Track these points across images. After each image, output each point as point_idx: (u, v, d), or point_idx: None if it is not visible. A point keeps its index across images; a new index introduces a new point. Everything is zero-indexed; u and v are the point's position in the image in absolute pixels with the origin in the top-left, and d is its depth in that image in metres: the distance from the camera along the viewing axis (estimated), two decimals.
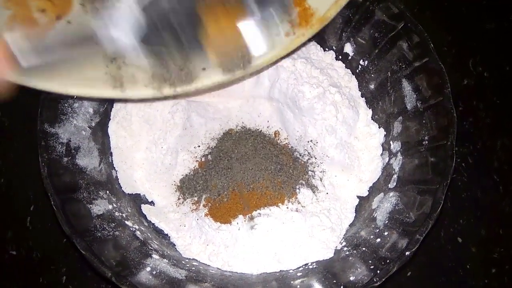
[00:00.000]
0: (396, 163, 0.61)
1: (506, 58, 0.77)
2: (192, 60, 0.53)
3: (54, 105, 0.56)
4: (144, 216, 0.61)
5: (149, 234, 0.59)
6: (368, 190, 0.63)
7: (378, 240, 0.55)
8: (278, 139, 0.67)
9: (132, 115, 0.63)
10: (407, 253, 0.50)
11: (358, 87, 0.68)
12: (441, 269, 0.65)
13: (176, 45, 0.51)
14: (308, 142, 0.64)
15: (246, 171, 0.62)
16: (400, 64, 0.62)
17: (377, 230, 0.56)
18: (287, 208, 0.60)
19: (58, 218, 0.50)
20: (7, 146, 0.69)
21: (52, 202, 0.50)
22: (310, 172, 0.63)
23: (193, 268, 0.56)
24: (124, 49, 0.51)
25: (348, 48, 0.68)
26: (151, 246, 0.56)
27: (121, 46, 0.51)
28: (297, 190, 0.61)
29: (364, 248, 0.55)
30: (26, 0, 0.50)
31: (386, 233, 0.55)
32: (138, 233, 0.57)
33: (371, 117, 0.66)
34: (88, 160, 0.58)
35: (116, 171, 0.63)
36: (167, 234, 0.61)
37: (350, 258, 0.55)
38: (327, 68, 0.67)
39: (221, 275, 0.56)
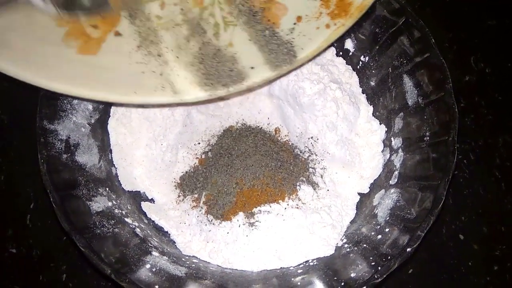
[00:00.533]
0: (397, 160, 0.61)
1: (507, 55, 0.77)
2: (239, 60, 0.55)
3: (54, 102, 0.56)
4: (144, 213, 0.61)
5: (149, 231, 0.58)
6: (369, 187, 0.63)
7: (379, 236, 0.55)
8: (279, 136, 0.66)
9: (132, 112, 0.62)
10: (408, 249, 0.49)
11: (359, 83, 0.68)
12: (442, 266, 0.64)
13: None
14: (309, 138, 0.64)
15: (247, 168, 0.61)
16: (401, 59, 0.62)
17: (378, 227, 0.56)
18: (288, 205, 0.59)
19: (57, 214, 0.50)
20: (7, 144, 0.69)
21: (51, 199, 0.50)
22: (310, 169, 0.63)
23: (193, 265, 0.56)
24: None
25: (349, 44, 0.67)
26: (151, 243, 0.56)
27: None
28: (298, 187, 0.61)
29: (365, 245, 0.55)
30: (79, 19, 0.55)
31: (387, 230, 0.55)
32: (138, 230, 0.57)
33: (372, 114, 0.66)
34: (87, 157, 0.58)
35: (116, 168, 0.62)
36: (167, 232, 0.60)
37: (351, 254, 0.55)
38: (327, 64, 0.66)
39: (222, 272, 0.56)
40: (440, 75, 0.57)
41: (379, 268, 0.50)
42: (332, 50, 0.68)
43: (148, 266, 0.52)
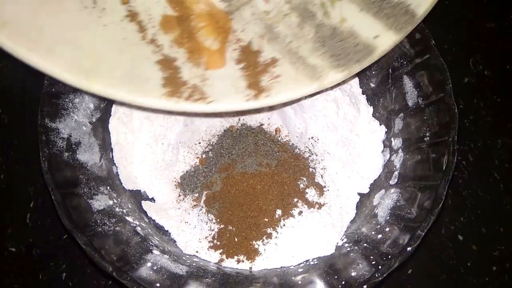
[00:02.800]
0: (397, 160, 0.61)
1: (506, 56, 0.78)
2: (360, 33, 0.54)
3: (55, 100, 0.56)
4: (145, 212, 0.61)
5: (149, 230, 0.58)
6: (369, 187, 0.63)
7: (379, 236, 0.55)
8: (279, 136, 0.66)
9: (133, 111, 0.62)
10: (408, 248, 0.49)
11: (359, 84, 0.68)
12: (441, 266, 0.65)
13: None
14: (309, 139, 0.64)
15: (247, 168, 0.62)
16: (401, 60, 0.62)
17: (378, 226, 0.56)
18: (288, 204, 0.59)
19: (58, 213, 0.49)
20: (7, 143, 0.69)
21: (52, 197, 0.50)
22: (311, 169, 0.63)
23: (194, 264, 0.56)
24: None
25: None
26: (151, 242, 0.56)
27: None
28: (298, 187, 0.61)
29: (365, 244, 0.55)
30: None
31: (387, 229, 0.55)
32: (138, 228, 0.57)
33: (372, 114, 0.66)
34: (88, 156, 0.58)
35: (117, 167, 0.62)
36: (167, 231, 0.60)
37: (352, 254, 0.55)
38: None
39: (222, 271, 0.56)
40: (440, 76, 0.57)
41: (380, 267, 0.50)
42: None
43: (149, 264, 0.52)
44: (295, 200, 0.60)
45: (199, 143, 0.66)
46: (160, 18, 0.54)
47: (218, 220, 0.59)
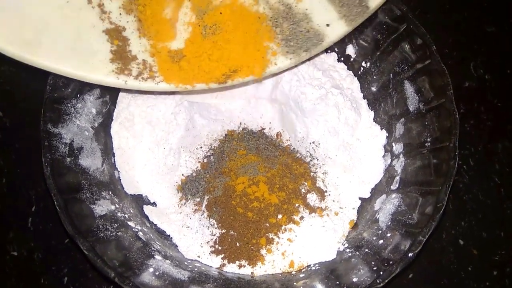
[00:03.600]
0: (399, 165, 0.61)
1: (506, 61, 0.78)
2: (313, 17, 0.54)
3: (57, 106, 0.56)
4: (147, 217, 0.61)
5: (151, 235, 0.59)
6: (370, 192, 0.63)
7: (381, 241, 0.55)
8: (280, 140, 0.67)
9: (135, 116, 0.63)
10: (410, 254, 0.50)
11: (360, 88, 0.68)
12: (442, 271, 0.65)
13: None
14: (310, 143, 0.64)
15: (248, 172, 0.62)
16: (402, 66, 0.62)
17: (380, 232, 0.56)
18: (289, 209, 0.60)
19: (61, 218, 0.50)
20: (9, 147, 0.69)
21: (55, 202, 0.50)
22: (312, 174, 0.63)
23: (196, 269, 0.56)
24: None
25: (350, 50, 0.68)
26: (153, 247, 0.56)
27: None
28: (299, 192, 0.61)
29: (366, 250, 0.55)
30: None
31: (388, 235, 0.55)
32: (140, 233, 0.57)
33: (373, 119, 0.66)
34: (91, 161, 0.58)
35: (119, 171, 0.62)
36: (169, 235, 0.60)
37: (353, 259, 0.55)
38: (329, 69, 0.67)
39: (224, 276, 0.56)
40: (441, 82, 0.57)
41: (381, 273, 0.50)
42: (334, 55, 0.69)
43: (151, 269, 0.52)
44: (296, 205, 0.60)
45: (201, 147, 0.66)
46: None
47: (219, 225, 0.59)
